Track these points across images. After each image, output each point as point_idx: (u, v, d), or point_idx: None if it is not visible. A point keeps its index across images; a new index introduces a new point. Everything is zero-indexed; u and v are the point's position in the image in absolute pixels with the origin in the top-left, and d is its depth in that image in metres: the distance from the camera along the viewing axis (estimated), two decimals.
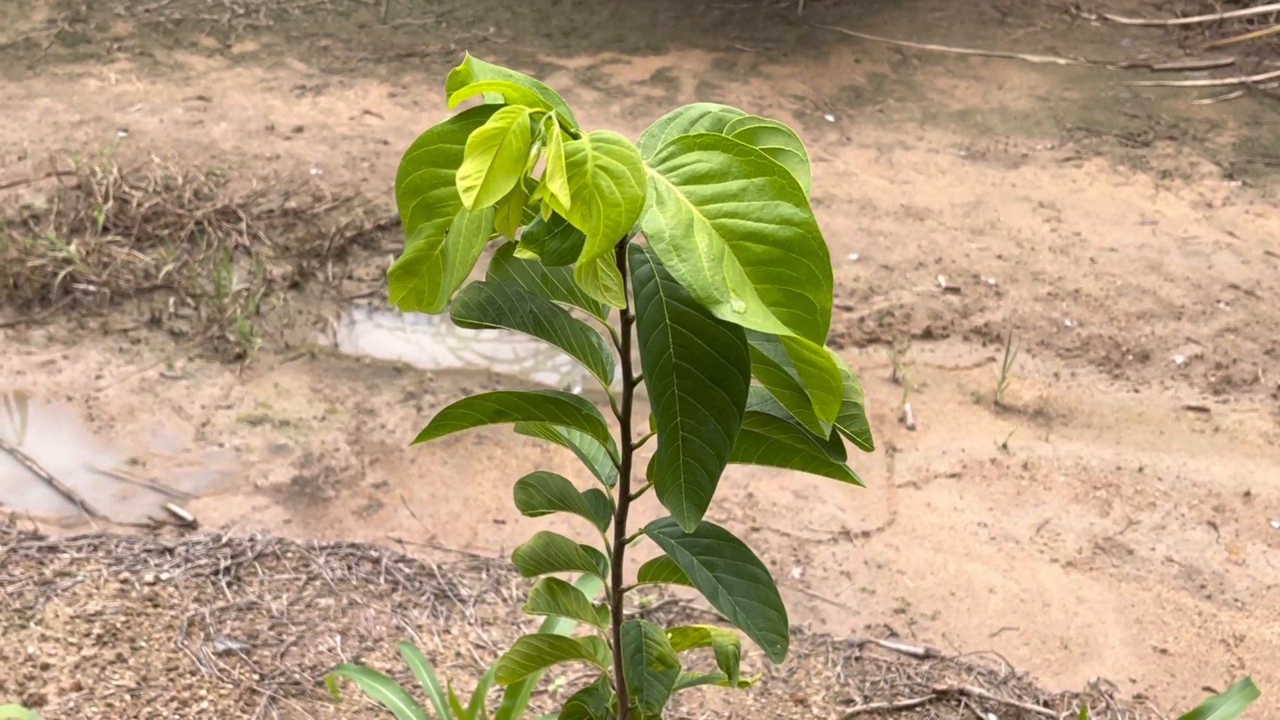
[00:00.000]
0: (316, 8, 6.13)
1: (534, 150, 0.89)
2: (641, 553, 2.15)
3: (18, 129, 4.80)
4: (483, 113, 0.93)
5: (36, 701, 2.47)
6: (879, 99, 5.44)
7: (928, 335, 3.90)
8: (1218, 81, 5.63)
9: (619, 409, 1.12)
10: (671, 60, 5.69)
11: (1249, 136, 5.17)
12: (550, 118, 0.89)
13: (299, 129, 4.91)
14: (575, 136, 0.90)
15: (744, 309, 0.87)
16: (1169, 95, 5.54)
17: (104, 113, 4.96)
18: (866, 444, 1.09)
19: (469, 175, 0.86)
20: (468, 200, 0.86)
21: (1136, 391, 3.69)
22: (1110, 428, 3.53)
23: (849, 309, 3.99)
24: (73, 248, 3.97)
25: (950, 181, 4.78)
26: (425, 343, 3.87)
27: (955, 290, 4.10)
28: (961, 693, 2.64)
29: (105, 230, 4.15)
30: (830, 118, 5.25)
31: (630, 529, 1.24)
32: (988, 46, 5.96)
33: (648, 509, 1.54)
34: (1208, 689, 2.73)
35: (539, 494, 1.26)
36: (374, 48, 5.73)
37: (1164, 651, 2.80)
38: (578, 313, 1.13)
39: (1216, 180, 4.85)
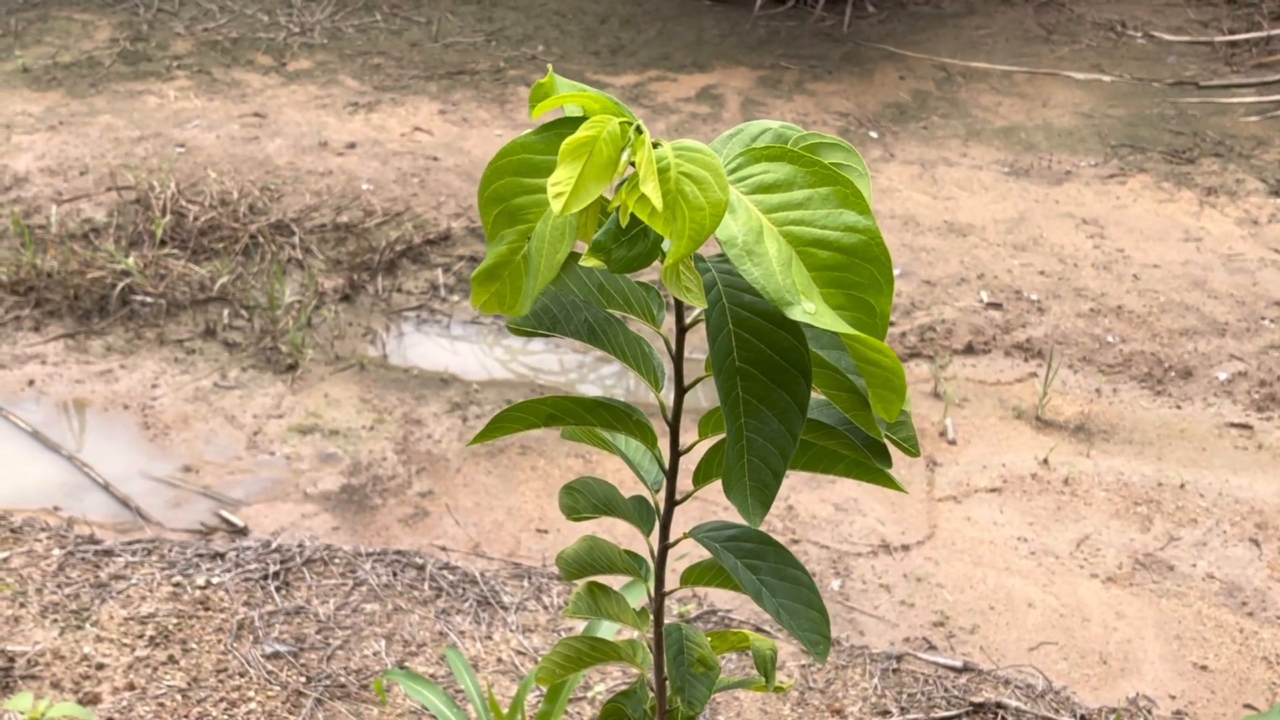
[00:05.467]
0: (370, 26, 6.24)
1: (623, 157, 0.92)
2: (681, 561, 2.19)
3: (80, 145, 4.92)
4: (564, 124, 0.97)
5: (91, 700, 2.55)
6: (923, 116, 5.46)
7: (969, 350, 3.92)
8: (1264, 98, 5.61)
9: (669, 415, 1.16)
10: (717, 78, 5.74)
11: None
12: (639, 125, 0.93)
13: (351, 145, 5.00)
14: (656, 145, 0.94)
15: (815, 310, 0.91)
16: (1215, 112, 5.52)
17: (163, 129, 5.08)
18: (913, 449, 1.12)
19: (560, 181, 0.90)
20: (557, 206, 0.89)
21: (1179, 408, 3.69)
22: (1152, 444, 3.53)
23: (891, 323, 4.02)
24: (131, 260, 4.07)
25: (993, 198, 4.80)
26: (472, 355, 3.93)
27: (997, 306, 4.12)
28: (998, 706, 2.66)
29: (163, 243, 4.26)
30: (874, 134, 5.28)
31: (672, 535, 1.28)
32: (1032, 64, 5.97)
33: (689, 516, 1.58)
34: (1248, 706, 2.72)
35: (584, 499, 1.30)
36: (425, 65, 5.82)
37: (1204, 668, 2.80)
38: (630, 323, 1.17)
39: (1262, 197, 4.83)
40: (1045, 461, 3.42)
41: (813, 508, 3.22)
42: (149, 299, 4.00)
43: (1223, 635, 2.88)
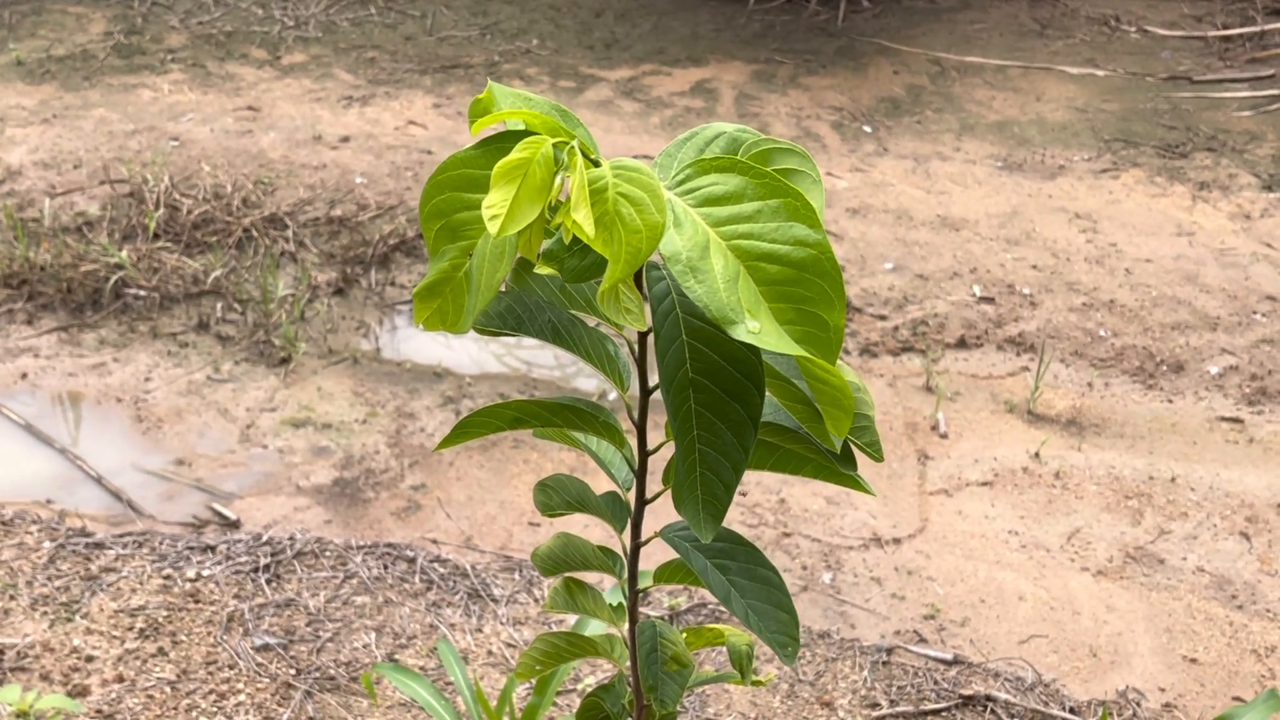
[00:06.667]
0: (364, 20, 6.24)
1: (557, 179, 0.91)
2: (662, 553, 2.19)
3: (74, 138, 4.92)
4: (505, 139, 0.95)
5: (80, 692, 2.55)
6: (917, 110, 5.46)
7: (962, 344, 3.92)
8: (1258, 93, 5.61)
9: (635, 416, 1.16)
10: (711, 72, 5.74)
11: None
12: (573, 147, 0.91)
13: (345, 139, 5.00)
14: (596, 164, 0.93)
15: (758, 329, 0.89)
16: (1208, 107, 5.52)
17: (157, 122, 5.08)
18: (876, 455, 1.11)
19: (494, 204, 0.89)
20: (493, 228, 0.88)
21: (1170, 402, 3.70)
22: (1143, 438, 3.54)
23: (883, 318, 4.02)
24: (124, 253, 4.07)
25: (986, 192, 4.80)
26: (465, 349, 3.94)
27: (990, 300, 4.12)
28: (988, 698, 2.67)
29: (156, 236, 4.26)
30: (868, 128, 5.28)
31: (647, 530, 1.28)
32: (1026, 58, 5.97)
33: (667, 511, 1.59)
34: (1237, 699, 2.73)
35: (558, 496, 1.31)
36: (419, 59, 5.82)
37: (1194, 661, 2.81)
38: (595, 322, 1.17)
39: (1255, 192, 4.84)
40: (1036, 455, 3.43)
41: (805, 501, 3.22)
42: (142, 292, 4.00)
43: (1212, 628, 2.89)
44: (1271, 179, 4.91)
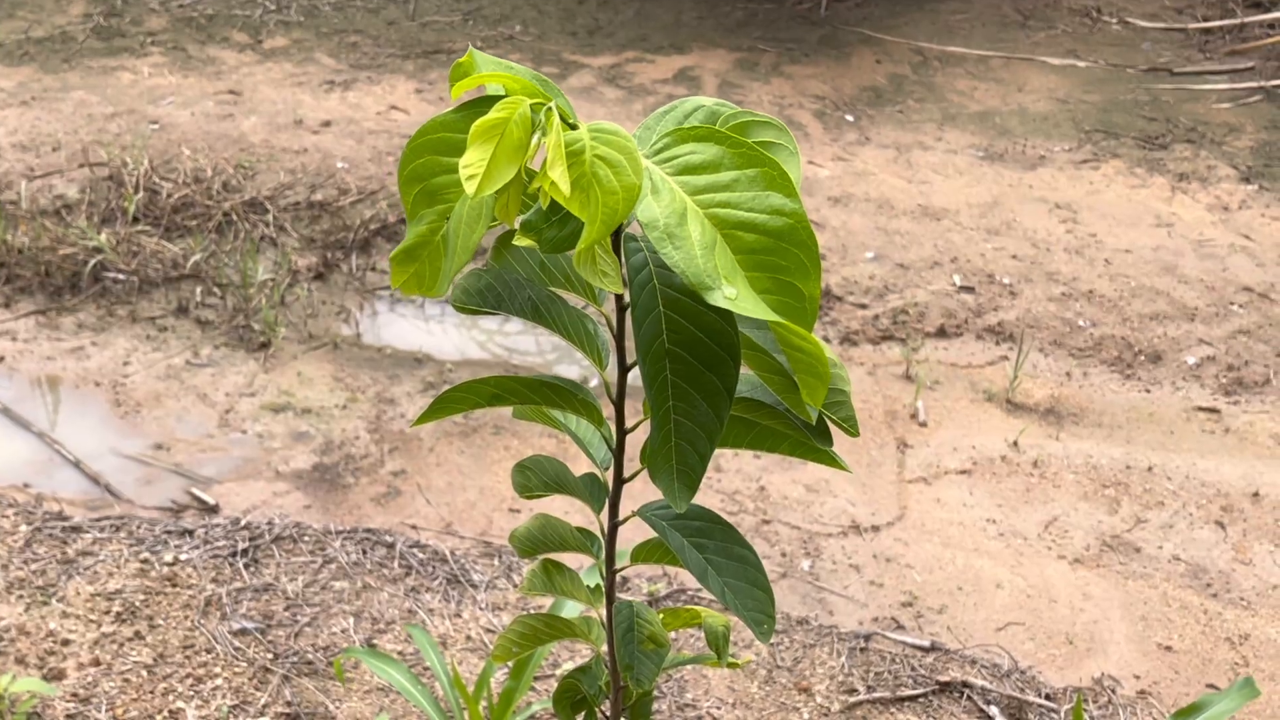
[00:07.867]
0: (346, 4, 6.21)
1: (534, 140, 0.92)
2: (641, 538, 2.19)
3: (52, 120, 4.89)
4: (484, 103, 0.96)
5: (56, 676, 2.54)
6: (899, 100, 5.47)
7: (942, 333, 3.93)
8: (1237, 86, 5.63)
9: (613, 394, 1.16)
10: (694, 59, 5.73)
11: (1267, 140, 5.18)
12: (550, 108, 0.92)
13: (327, 123, 4.98)
14: (574, 127, 0.93)
15: (735, 295, 0.89)
16: (1188, 99, 5.54)
17: (136, 105, 5.05)
18: (852, 429, 1.12)
19: (471, 163, 0.89)
20: (470, 188, 0.89)
21: (1148, 392, 3.72)
22: (1121, 427, 3.56)
23: (864, 306, 4.03)
24: (103, 237, 4.05)
25: (967, 182, 4.81)
26: (446, 334, 3.93)
27: (970, 289, 4.14)
28: (964, 684, 2.68)
29: (135, 220, 4.23)
30: (850, 117, 5.29)
31: (625, 511, 1.28)
32: (1008, 49, 5.98)
33: (644, 491, 1.59)
34: (1211, 686, 2.75)
35: (535, 477, 1.31)
36: (402, 44, 5.79)
37: (1168, 649, 2.83)
38: (574, 299, 1.17)
39: (1233, 184, 4.86)
40: (1015, 444, 3.44)
41: (784, 488, 3.23)
42: (121, 276, 3.98)
43: (1187, 616, 2.91)
44: (1250, 171, 4.94)
